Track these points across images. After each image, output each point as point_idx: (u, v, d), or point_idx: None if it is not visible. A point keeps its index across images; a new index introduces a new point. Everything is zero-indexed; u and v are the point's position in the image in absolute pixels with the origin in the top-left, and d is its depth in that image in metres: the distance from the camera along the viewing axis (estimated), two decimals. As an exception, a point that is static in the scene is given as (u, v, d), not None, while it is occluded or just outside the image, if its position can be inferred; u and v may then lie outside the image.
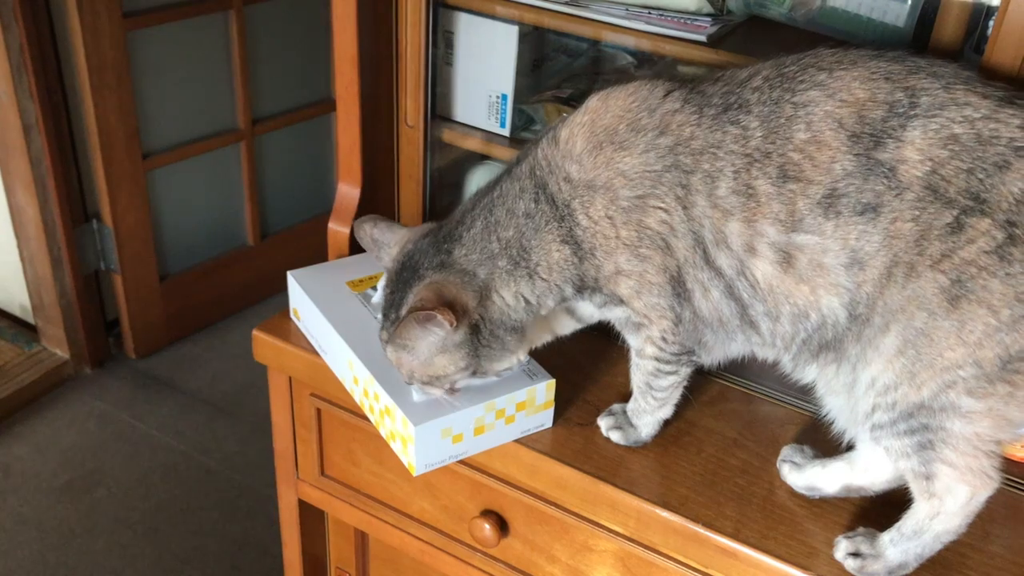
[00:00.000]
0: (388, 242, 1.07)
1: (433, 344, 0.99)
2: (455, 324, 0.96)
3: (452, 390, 1.04)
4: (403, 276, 1.01)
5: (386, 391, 1.05)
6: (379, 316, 1.06)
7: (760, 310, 0.94)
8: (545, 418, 1.10)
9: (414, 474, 1.05)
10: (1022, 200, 0.82)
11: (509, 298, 0.99)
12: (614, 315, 1.03)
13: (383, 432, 1.10)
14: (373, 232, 1.09)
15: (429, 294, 0.97)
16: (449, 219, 1.03)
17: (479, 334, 0.99)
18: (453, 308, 0.96)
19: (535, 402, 1.08)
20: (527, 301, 1.00)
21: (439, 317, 0.95)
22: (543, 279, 0.99)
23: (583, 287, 1.00)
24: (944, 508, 0.92)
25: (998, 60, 0.92)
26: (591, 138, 0.95)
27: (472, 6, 1.28)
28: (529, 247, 0.98)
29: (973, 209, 0.83)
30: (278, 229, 3.01)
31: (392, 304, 1.02)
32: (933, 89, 0.85)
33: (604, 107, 0.96)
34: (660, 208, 0.93)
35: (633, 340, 1.04)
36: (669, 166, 0.92)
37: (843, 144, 0.86)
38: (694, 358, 1.03)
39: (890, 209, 0.85)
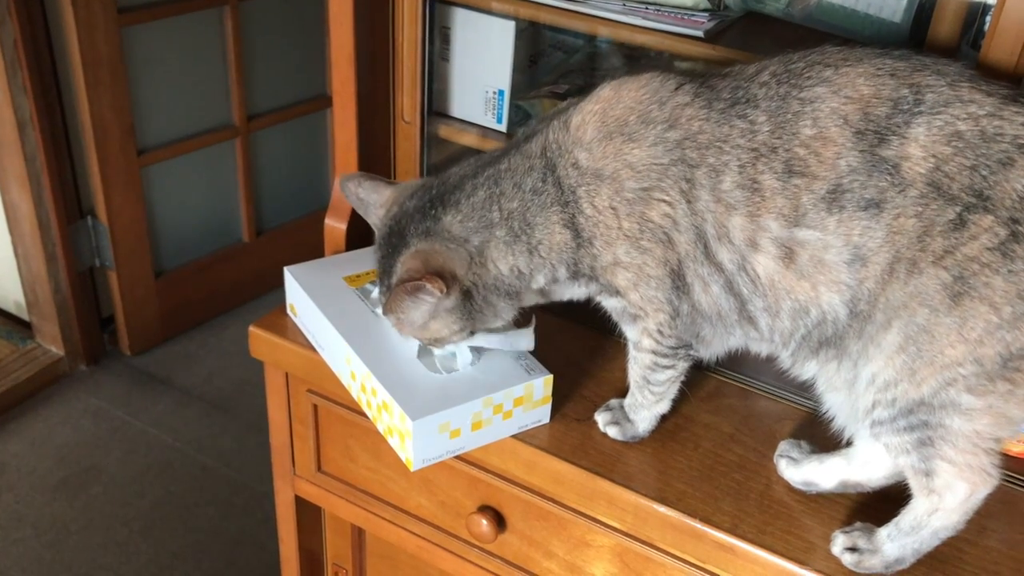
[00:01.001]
0: (374, 202, 1.07)
1: (426, 311, 1.00)
2: (445, 291, 0.96)
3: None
4: (391, 241, 1.01)
5: (384, 386, 1.05)
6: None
7: (759, 305, 0.94)
8: (542, 414, 1.10)
9: (411, 469, 1.05)
10: None
11: (504, 268, 0.99)
12: (609, 305, 1.03)
13: (380, 428, 1.10)
14: (358, 191, 1.08)
15: (416, 264, 0.97)
16: (442, 181, 1.02)
17: (472, 299, 1.00)
18: (442, 276, 0.96)
19: (532, 397, 1.08)
20: (520, 272, 1.00)
21: (428, 286, 0.95)
22: (542, 256, 0.99)
23: (577, 273, 1.00)
24: (943, 504, 0.92)
25: (995, 56, 0.92)
26: (602, 127, 0.96)
27: (469, 2, 1.28)
28: (533, 223, 0.98)
29: (976, 206, 0.83)
30: (274, 225, 3.01)
31: (384, 270, 1.03)
32: (938, 86, 0.85)
33: (616, 97, 0.96)
34: (664, 201, 0.93)
35: (630, 332, 1.04)
36: (676, 160, 0.93)
37: (848, 140, 0.86)
38: (691, 352, 1.03)
39: (893, 205, 0.85)
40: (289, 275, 1.22)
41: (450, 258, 0.98)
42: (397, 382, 1.05)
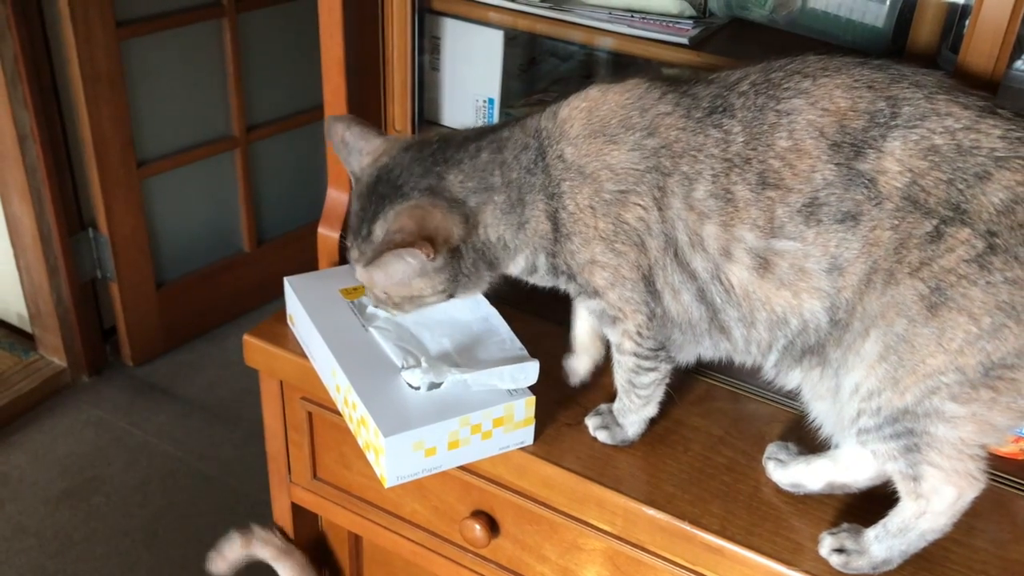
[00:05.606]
0: (360, 149, 1.04)
1: (410, 270, 0.98)
2: (433, 256, 0.95)
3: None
4: (378, 190, 0.99)
5: (362, 400, 1.03)
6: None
7: (733, 315, 0.95)
8: (525, 435, 1.08)
9: (385, 486, 1.03)
10: (1003, 211, 0.82)
11: (493, 236, 0.99)
12: (590, 307, 1.04)
13: (360, 441, 1.09)
14: (346, 134, 1.05)
15: (410, 224, 0.95)
16: (442, 138, 1.01)
17: (461, 260, 0.99)
18: (433, 240, 0.95)
19: (514, 418, 1.06)
20: (506, 245, 1.00)
21: (417, 251, 0.94)
22: (527, 235, 0.99)
23: (556, 268, 1.01)
24: (931, 508, 0.92)
25: (972, 61, 0.93)
26: (587, 124, 0.97)
27: (457, 11, 1.29)
28: (524, 201, 0.98)
29: (953, 219, 0.83)
30: (274, 235, 3.02)
31: (364, 219, 0.99)
32: (915, 99, 0.86)
33: (602, 98, 0.98)
34: (639, 205, 0.94)
35: (611, 335, 1.05)
36: (651, 167, 0.94)
37: (824, 153, 0.87)
38: (672, 354, 1.04)
39: (869, 218, 0.86)
40: (288, 285, 1.23)
41: (448, 218, 0.96)
42: (376, 397, 1.04)
